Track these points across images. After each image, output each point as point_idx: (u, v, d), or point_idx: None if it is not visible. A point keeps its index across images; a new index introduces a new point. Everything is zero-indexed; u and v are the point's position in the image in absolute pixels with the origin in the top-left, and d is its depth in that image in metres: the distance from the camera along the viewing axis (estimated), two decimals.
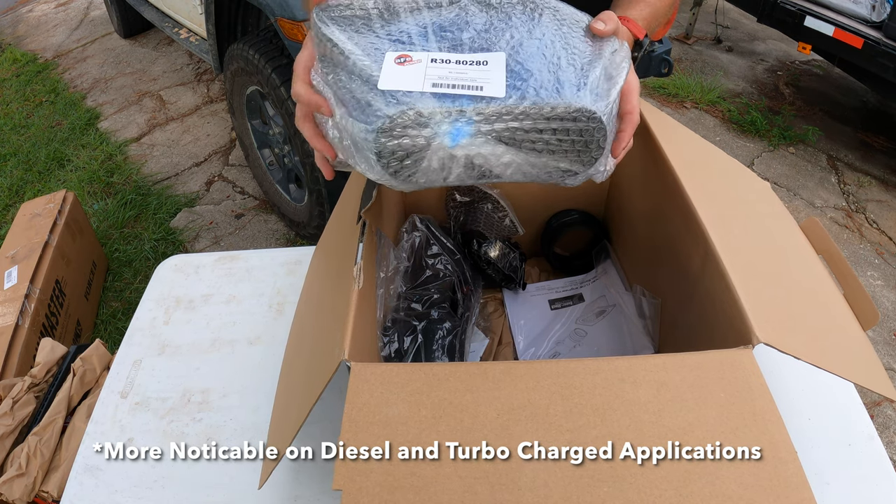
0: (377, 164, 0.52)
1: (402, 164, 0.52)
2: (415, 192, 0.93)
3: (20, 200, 2.64)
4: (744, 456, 0.47)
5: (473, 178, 0.55)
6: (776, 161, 2.79)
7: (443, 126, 0.50)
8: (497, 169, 0.54)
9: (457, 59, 0.53)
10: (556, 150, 0.53)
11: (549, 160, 0.54)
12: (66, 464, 1.11)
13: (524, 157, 0.53)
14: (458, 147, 0.51)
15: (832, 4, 2.54)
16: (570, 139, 0.52)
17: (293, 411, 0.59)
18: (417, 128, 0.50)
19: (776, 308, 0.57)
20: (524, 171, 0.55)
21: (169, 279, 1.00)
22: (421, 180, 0.53)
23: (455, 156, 0.52)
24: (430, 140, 0.51)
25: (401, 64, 0.52)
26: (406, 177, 0.53)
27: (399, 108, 0.50)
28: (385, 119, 0.50)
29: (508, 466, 0.47)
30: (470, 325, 0.86)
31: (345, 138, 0.54)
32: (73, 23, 4.41)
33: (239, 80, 2.17)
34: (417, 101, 0.50)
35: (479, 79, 0.52)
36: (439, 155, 0.51)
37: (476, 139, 0.51)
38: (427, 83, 0.51)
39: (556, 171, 0.55)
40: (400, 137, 0.50)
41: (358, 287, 0.60)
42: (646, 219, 0.83)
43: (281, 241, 2.43)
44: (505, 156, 0.53)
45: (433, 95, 0.50)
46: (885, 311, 2.10)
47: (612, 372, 0.51)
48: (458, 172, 0.53)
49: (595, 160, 0.55)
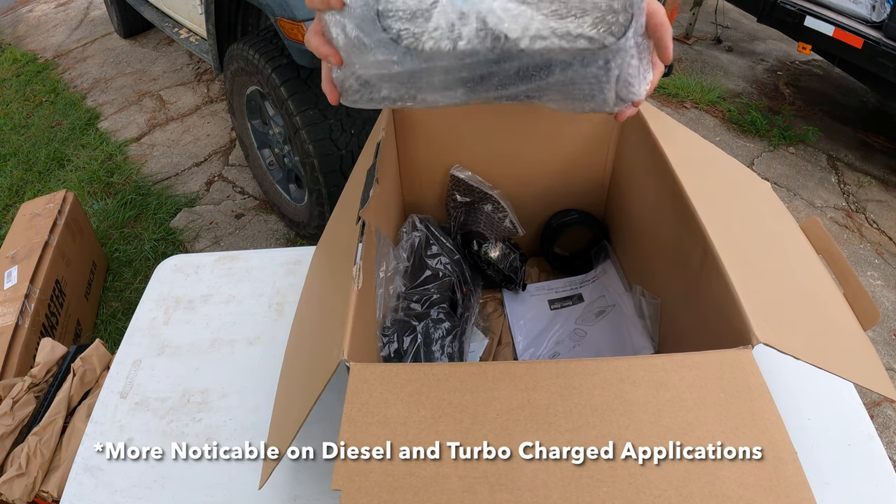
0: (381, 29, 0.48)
1: (406, 24, 0.47)
2: (415, 192, 0.94)
3: (20, 200, 2.64)
4: (744, 456, 0.47)
5: (488, 46, 0.49)
6: (776, 161, 2.79)
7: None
8: (513, 32, 0.48)
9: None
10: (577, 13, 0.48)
11: (571, 24, 0.48)
12: (66, 464, 1.11)
13: (543, 19, 0.48)
14: (469, 3, 0.47)
15: (832, 4, 2.54)
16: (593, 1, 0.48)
17: (293, 411, 0.59)
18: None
19: (776, 308, 0.57)
20: (545, 36, 0.49)
21: (169, 279, 1.00)
22: (428, 45, 0.48)
23: (465, 13, 0.47)
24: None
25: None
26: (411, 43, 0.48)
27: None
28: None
29: (508, 466, 0.47)
30: (469, 325, 0.86)
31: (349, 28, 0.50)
32: (73, 23, 4.41)
33: (239, 80, 2.17)
34: None
35: None
36: (447, 13, 0.47)
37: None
38: None
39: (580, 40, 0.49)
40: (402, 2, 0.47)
41: (357, 287, 0.60)
42: (645, 219, 0.83)
43: (281, 241, 2.43)
44: (521, 17, 0.48)
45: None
46: (885, 311, 2.10)
47: (612, 372, 0.51)
48: (469, 35, 0.48)
49: (624, 30, 0.49)
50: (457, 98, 0.55)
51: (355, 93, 0.56)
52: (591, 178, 0.94)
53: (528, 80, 0.54)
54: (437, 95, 0.55)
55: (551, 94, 0.55)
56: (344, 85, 0.56)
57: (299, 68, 1.86)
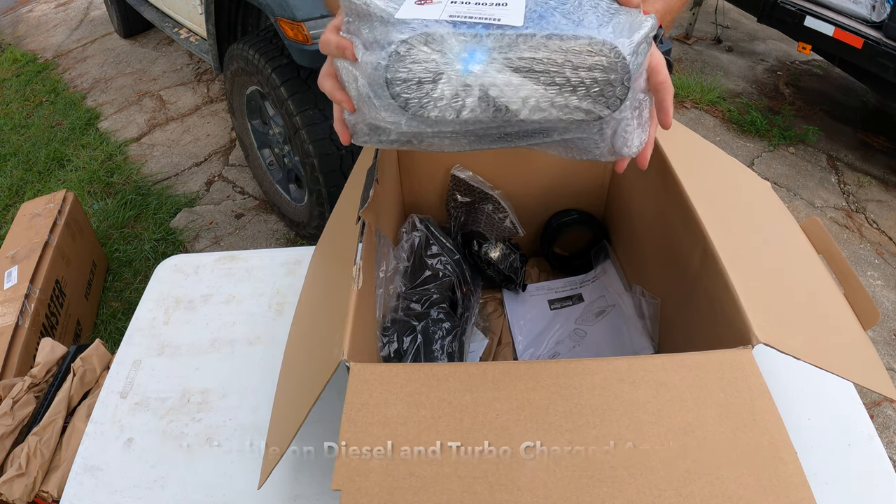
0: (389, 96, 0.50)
1: (413, 93, 0.50)
2: (415, 192, 0.94)
3: (20, 200, 2.64)
4: (743, 456, 0.47)
5: (490, 116, 0.51)
6: (776, 161, 2.79)
7: (456, 50, 0.49)
8: (514, 105, 0.51)
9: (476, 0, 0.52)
10: (576, 87, 0.50)
11: (569, 98, 0.51)
12: (66, 464, 1.11)
13: (543, 91, 0.50)
14: (472, 75, 0.49)
15: (832, 4, 2.54)
16: (591, 76, 0.50)
17: (293, 411, 0.59)
18: (430, 52, 0.49)
19: (776, 308, 0.57)
20: (544, 108, 0.51)
21: (169, 279, 1.00)
22: (433, 113, 0.51)
23: (469, 85, 0.49)
24: (442, 66, 0.49)
25: (420, 4, 0.51)
26: (418, 108, 0.51)
27: (412, 33, 0.49)
28: (398, 43, 0.49)
29: (508, 467, 0.47)
30: (469, 325, 0.85)
31: (361, 82, 0.53)
32: (73, 23, 4.41)
33: (239, 80, 2.17)
34: (432, 27, 0.49)
35: (498, 13, 0.50)
36: (452, 83, 0.49)
37: (491, 66, 0.49)
38: (444, 14, 0.50)
39: (578, 112, 0.52)
40: (412, 62, 0.49)
41: (357, 287, 0.60)
42: (645, 219, 0.83)
43: (281, 241, 2.43)
44: (522, 89, 0.50)
45: (449, 23, 0.49)
46: (885, 311, 2.10)
47: (612, 372, 0.51)
48: (472, 105, 0.50)
49: (619, 102, 0.51)
50: (462, 148, 0.58)
51: (365, 135, 0.58)
52: (591, 178, 0.94)
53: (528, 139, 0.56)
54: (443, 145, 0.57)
55: (552, 148, 0.59)
56: (355, 128, 0.58)
57: (299, 68, 1.86)
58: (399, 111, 0.52)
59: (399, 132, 0.57)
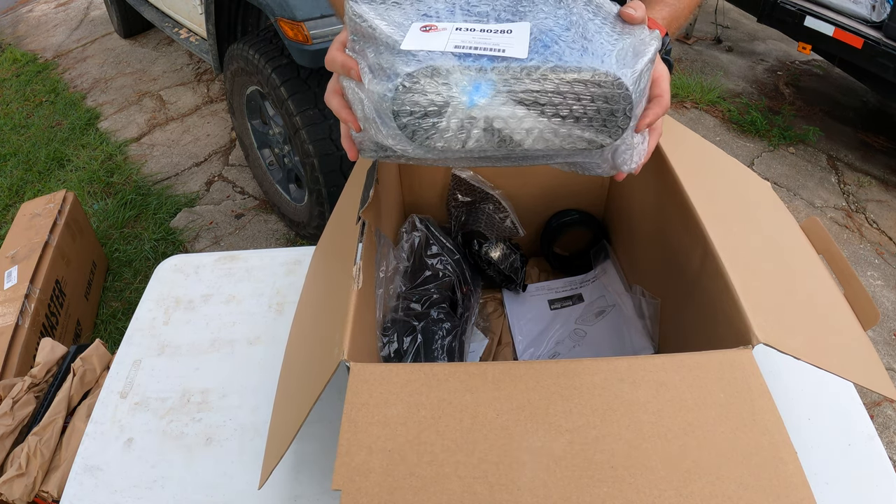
0: (395, 126, 0.51)
1: (419, 124, 0.51)
2: (415, 192, 0.94)
3: (20, 200, 2.64)
4: (743, 456, 0.47)
5: (494, 146, 0.53)
6: (776, 161, 2.79)
7: (461, 84, 0.49)
8: (518, 135, 0.52)
9: (482, 27, 0.53)
10: (579, 118, 0.51)
11: (572, 128, 0.52)
12: (66, 464, 1.11)
13: (546, 122, 0.51)
14: (477, 108, 0.50)
15: (832, 4, 2.54)
16: (594, 106, 0.51)
17: (293, 411, 0.59)
18: (436, 85, 0.49)
19: (776, 308, 0.57)
20: (547, 139, 0.52)
21: (169, 279, 1.00)
22: (439, 144, 0.52)
23: (474, 117, 0.50)
24: (448, 99, 0.50)
25: (425, 31, 0.52)
26: (424, 139, 0.52)
27: (418, 66, 0.49)
28: (404, 76, 0.49)
29: (508, 467, 0.47)
30: (469, 325, 0.85)
31: (367, 107, 0.53)
32: (73, 23, 4.41)
33: (239, 80, 2.17)
34: (437, 59, 0.49)
35: (502, 43, 0.51)
36: (458, 115, 0.50)
37: (495, 99, 0.50)
38: (449, 45, 0.50)
39: (580, 142, 0.53)
40: (418, 94, 0.50)
41: (357, 287, 0.60)
42: (645, 219, 0.83)
43: (281, 241, 2.43)
44: (526, 120, 0.51)
45: (454, 55, 0.50)
46: (885, 311, 2.10)
47: (612, 372, 0.51)
48: (477, 136, 0.52)
49: (622, 131, 0.52)
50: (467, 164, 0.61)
51: (372, 151, 0.59)
52: (591, 179, 0.94)
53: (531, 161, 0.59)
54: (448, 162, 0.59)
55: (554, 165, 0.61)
56: (362, 145, 0.60)
57: (299, 68, 1.86)
58: (405, 140, 0.52)
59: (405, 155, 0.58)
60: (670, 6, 0.71)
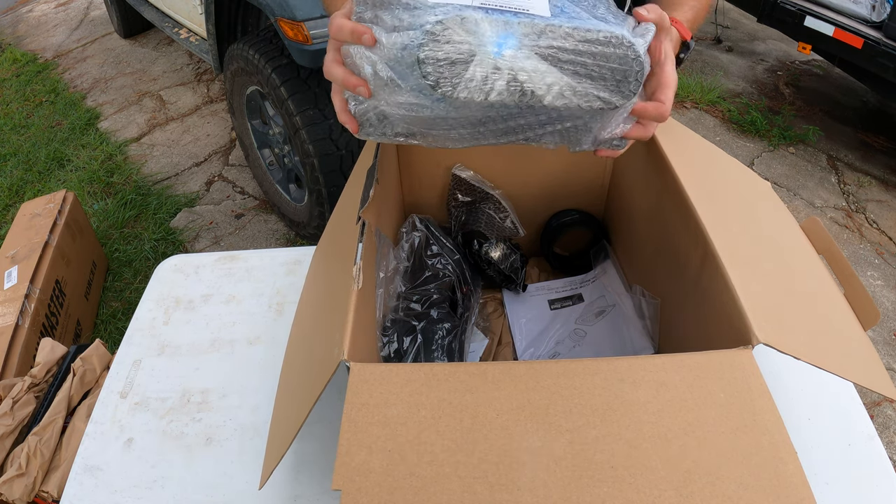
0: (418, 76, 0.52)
1: (444, 72, 0.51)
2: (415, 192, 0.94)
3: (20, 200, 2.64)
4: (743, 456, 0.47)
5: (516, 99, 0.54)
6: (776, 161, 2.79)
7: (488, 34, 0.51)
8: (540, 89, 0.54)
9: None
10: (595, 77, 0.54)
11: (589, 86, 0.54)
12: (66, 464, 1.11)
13: (566, 80, 0.54)
14: (503, 59, 0.52)
15: (832, 4, 2.54)
16: (609, 66, 0.54)
17: (293, 411, 0.59)
18: (464, 34, 0.51)
19: (776, 308, 0.57)
20: (566, 95, 0.55)
21: (169, 279, 1.00)
22: (463, 94, 0.53)
23: (499, 68, 0.52)
24: (476, 48, 0.51)
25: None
26: (447, 89, 0.52)
27: (448, 15, 0.50)
28: (434, 23, 0.50)
29: (508, 467, 0.47)
30: (469, 325, 0.85)
31: (381, 67, 0.54)
32: (73, 23, 4.41)
33: (239, 80, 2.17)
34: (465, 11, 0.51)
35: (526, 3, 0.53)
36: (483, 66, 0.52)
37: (520, 52, 0.52)
38: (475, 3, 0.52)
39: (595, 100, 0.55)
40: (446, 43, 0.50)
41: (357, 287, 0.60)
42: (645, 219, 0.83)
43: (281, 241, 2.43)
44: (548, 76, 0.53)
45: (481, 8, 0.52)
46: (885, 311, 2.10)
47: (612, 372, 0.51)
48: (500, 88, 0.53)
49: (633, 94, 0.56)
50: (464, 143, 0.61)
51: (371, 126, 0.60)
52: (591, 178, 0.94)
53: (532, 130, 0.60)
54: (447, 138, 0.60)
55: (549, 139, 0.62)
56: (363, 118, 0.59)
57: (299, 68, 1.86)
58: (426, 92, 0.53)
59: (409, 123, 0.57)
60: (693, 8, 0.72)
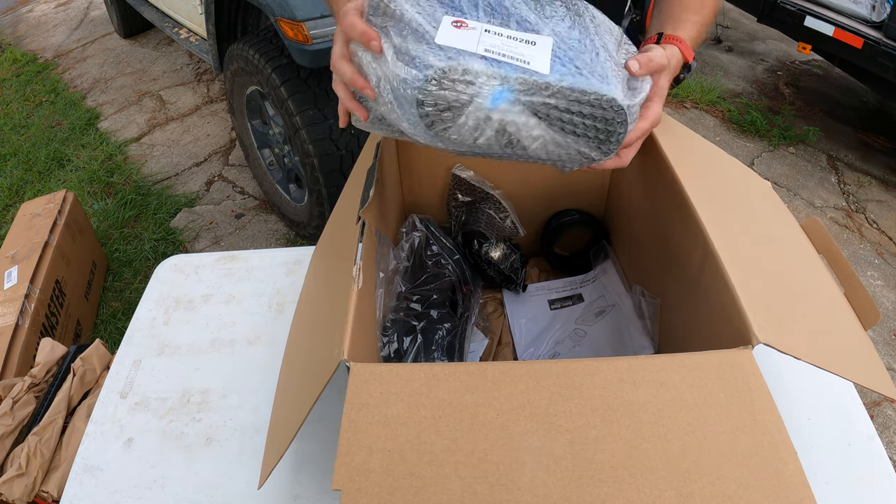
0: (415, 114, 0.54)
1: (440, 115, 0.54)
2: (415, 192, 0.94)
3: (20, 200, 2.64)
4: (743, 456, 0.47)
5: (500, 146, 0.57)
6: (776, 161, 2.79)
7: (486, 87, 0.53)
8: (525, 140, 0.57)
9: (508, 34, 0.56)
10: (580, 134, 0.57)
11: (572, 142, 0.57)
12: (66, 464, 1.11)
13: (552, 134, 0.56)
14: (496, 110, 0.54)
15: (832, 4, 2.54)
16: (595, 125, 0.56)
17: (293, 411, 0.59)
18: (463, 84, 0.53)
19: (776, 308, 0.57)
20: (548, 148, 0.58)
21: (169, 279, 1.00)
22: (453, 136, 0.56)
23: (491, 118, 0.55)
24: (472, 97, 0.53)
25: (457, 27, 0.55)
26: (440, 130, 0.55)
27: (451, 63, 0.53)
28: (437, 69, 0.52)
29: (508, 467, 0.47)
30: (469, 325, 0.85)
31: (384, 86, 0.56)
32: (73, 23, 4.41)
33: (239, 80, 2.17)
34: (468, 60, 0.53)
35: (527, 55, 0.55)
36: (477, 114, 0.54)
37: (514, 106, 0.54)
38: (480, 47, 0.54)
39: (576, 154, 0.59)
40: (445, 89, 0.53)
41: (357, 287, 0.60)
42: (645, 219, 0.83)
43: (281, 241, 2.43)
44: (535, 129, 0.56)
45: (483, 59, 0.53)
46: (885, 311, 2.10)
47: (612, 372, 0.51)
48: (489, 135, 0.56)
49: (612, 152, 0.59)
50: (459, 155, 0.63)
51: (372, 124, 0.62)
52: (591, 178, 0.94)
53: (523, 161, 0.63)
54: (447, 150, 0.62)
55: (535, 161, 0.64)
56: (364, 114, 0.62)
57: (299, 68, 1.86)
58: (420, 126, 0.55)
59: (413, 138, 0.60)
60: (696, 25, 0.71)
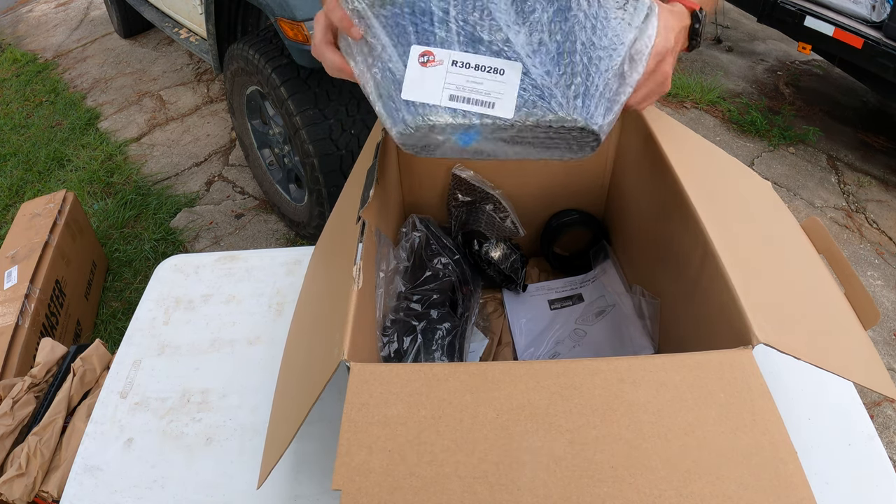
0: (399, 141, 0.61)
1: (419, 151, 0.62)
2: (415, 192, 0.94)
3: (20, 200, 2.64)
4: (743, 456, 0.47)
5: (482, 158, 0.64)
6: (776, 161, 2.79)
7: (454, 135, 0.59)
8: (503, 156, 0.63)
9: (476, 62, 0.57)
10: (554, 147, 0.61)
11: (548, 153, 0.63)
12: (66, 464, 1.11)
13: (529, 149, 0.62)
14: (469, 146, 0.61)
15: (832, 4, 2.54)
16: (567, 139, 0.60)
17: (292, 411, 0.59)
18: (433, 136, 0.59)
19: (776, 308, 0.57)
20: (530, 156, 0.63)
21: (169, 279, 1.00)
22: (436, 155, 0.63)
23: (464, 150, 0.61)
24: (444, 141, 0.60)
25: (423, 65, 0.58)
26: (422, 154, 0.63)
27: (418, 122, 0.58)
28: (407, 126, 0.58)
29: (508, 467, 0.47)
30: (469, 325, 0.85)
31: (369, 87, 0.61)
32: (73, 23, 4.41)
33: (239, 80, 2.17)
34: (434, 115, 0.58)
35: (494, 92, 0.57)
36: (452, 147, 0.61)
37: (485, 142, 0.60)
38: (445, 95, 0.57)
39: (555, 156, 0.63)
40: (418, 139, 0.60)
41: (357, 287, 0.60)
42: (645, 219, 0.83)
43: (281, 241, 2.43)
44: (511, 150, 0.62)
45: (448, 110, 0.57)
46: (885, 311, 2.10)
47: (612, 372, 0.51)
48: (468, 156, 0.63)
49: (590, 152, 0.62)
50: None
51: None
52: (591, 178, 0.94)
53: None
54: None
55: None
56: None
57: (299, 68, 1.86)
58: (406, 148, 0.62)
59: None
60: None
